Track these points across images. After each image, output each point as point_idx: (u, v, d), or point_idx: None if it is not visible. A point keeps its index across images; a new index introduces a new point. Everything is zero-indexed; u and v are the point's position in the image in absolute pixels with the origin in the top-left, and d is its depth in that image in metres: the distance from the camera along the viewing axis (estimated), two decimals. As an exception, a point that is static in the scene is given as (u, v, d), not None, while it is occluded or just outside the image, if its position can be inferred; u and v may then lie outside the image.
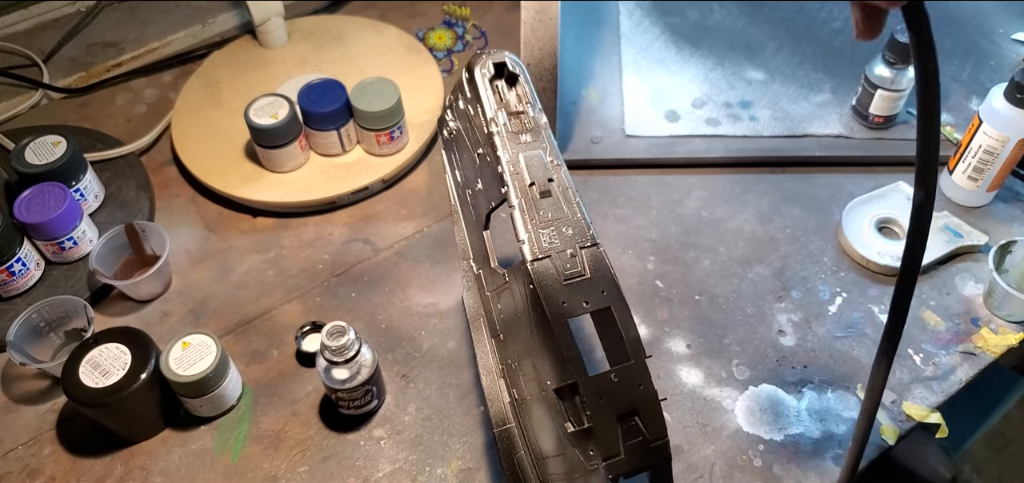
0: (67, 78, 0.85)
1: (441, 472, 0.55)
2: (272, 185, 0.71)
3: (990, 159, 0.65)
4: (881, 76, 0.71)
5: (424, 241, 0.69)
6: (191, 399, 0.55)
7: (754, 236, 0.68)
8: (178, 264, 0.68)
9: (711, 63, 0.82)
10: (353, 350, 0.53)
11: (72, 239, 0.65)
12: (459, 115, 0.46)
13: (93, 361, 0.54)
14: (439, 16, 0.92)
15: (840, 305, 0.63)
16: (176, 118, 0.78)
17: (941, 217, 0.67)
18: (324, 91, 0.71)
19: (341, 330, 0.52)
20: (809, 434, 0.56)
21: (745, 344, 0.61)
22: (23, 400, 0.60)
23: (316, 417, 0.58)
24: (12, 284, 0.63)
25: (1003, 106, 0.64)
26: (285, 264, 0.68)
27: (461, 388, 0.59)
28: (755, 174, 0.73)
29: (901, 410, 0.57)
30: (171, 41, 0.88)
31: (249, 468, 0.55)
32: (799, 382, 0.59)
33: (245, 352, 0.62)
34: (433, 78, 0.81)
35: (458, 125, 0.46)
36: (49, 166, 0.66)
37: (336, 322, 0.53)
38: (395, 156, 0.74)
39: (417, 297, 0.65)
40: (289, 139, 0.70)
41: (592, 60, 0.83)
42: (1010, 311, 0.61)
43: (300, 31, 0.87)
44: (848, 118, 0.76)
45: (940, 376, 0.59)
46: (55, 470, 0.56)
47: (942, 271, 0.65)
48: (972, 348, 0.60)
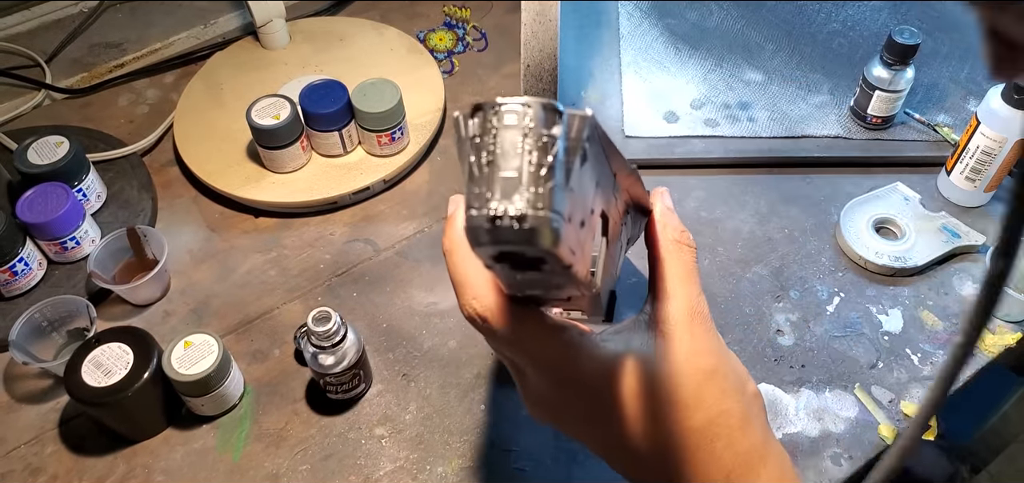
0: (69, 79, 0.85)
1: (442, 470, 0.55)
2: (274, 185, 0.72)
3: (988, 160, 0.66)
4: (879, 77, 0.71)
5: (425, 241, 0.70)
6: (193, 398, 0.56)
7: (752, 236, 0.69)
8: (180, 264, 0.68)
9: (710, 64, 0.83)
10: (339, 335, 0.53)
11: (74, 239, 0.65)
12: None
13: (95, 360, 0.54)
14: (440, 18, 0.92)
15: (838, 305, 0.63)
16: (178, 119, 0.78)
17: (939, 217, 0.68)
18: (325, 92, 0.71)
19: (326, 316, 0.53)
20: (807, 433, 0.56)
21: (743, 343, 0.61)
22: (25, 399, 0.60)
23: (317, 416, 0.58)
24: (15, 284, 0.63)
25: (1001, 107, 0.64)
26: (286, 264, 0.68)
27: (462, 387, 0.59)
28: (753, 175, 0.74)
29: (899, 410, 0.57)
30: (173, 42, 0.89)
31: (251, 467, 0.56)
32: (797, 381, 0.59)
33: (247, 351, 0.62)
34: (434, 79, 0.82)
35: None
36: (51, 166, 0.66)
37: (321, 308, 0.53)
38: (396, 157, 0.74)
39: (418, 297, 0.65)
40: (291, 140, 0.70)
41: (591, 61, 0.84)
42: (1007, 311, 0.61)
43: (302, 32, 0.87)
44: (846, 119, 0.76)
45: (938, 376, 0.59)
46: (57, 469, 0.56)
47: (940, 271, 0.66)
48: (969, 348, 0.60)
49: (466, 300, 0.35)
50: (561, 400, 0.36)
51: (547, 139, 0.27)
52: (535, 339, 0.34)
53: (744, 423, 0.35)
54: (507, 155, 0.27)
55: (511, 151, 0.27)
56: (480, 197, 0.27)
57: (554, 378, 0.35)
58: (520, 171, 0.26)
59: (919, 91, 0.78)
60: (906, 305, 0.63)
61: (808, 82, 0.80)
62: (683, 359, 0.35)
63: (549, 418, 0.38)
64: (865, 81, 0.73)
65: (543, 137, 0.27)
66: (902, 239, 0.66)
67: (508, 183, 0.26)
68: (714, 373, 0.35)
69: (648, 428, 0.34)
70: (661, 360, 0.34)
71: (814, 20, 0.87)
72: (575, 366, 0.35)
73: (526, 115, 0.27)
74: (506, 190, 0.26)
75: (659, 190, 0.42)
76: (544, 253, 0.27)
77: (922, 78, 0.78)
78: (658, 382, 0.34)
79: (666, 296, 0.36)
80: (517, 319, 0.34)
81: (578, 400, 0.35)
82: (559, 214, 0.26)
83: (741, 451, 0.34)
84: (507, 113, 0.27)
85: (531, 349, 0.35)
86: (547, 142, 0.27)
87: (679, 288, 0.36)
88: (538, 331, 0.34)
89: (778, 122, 0.76)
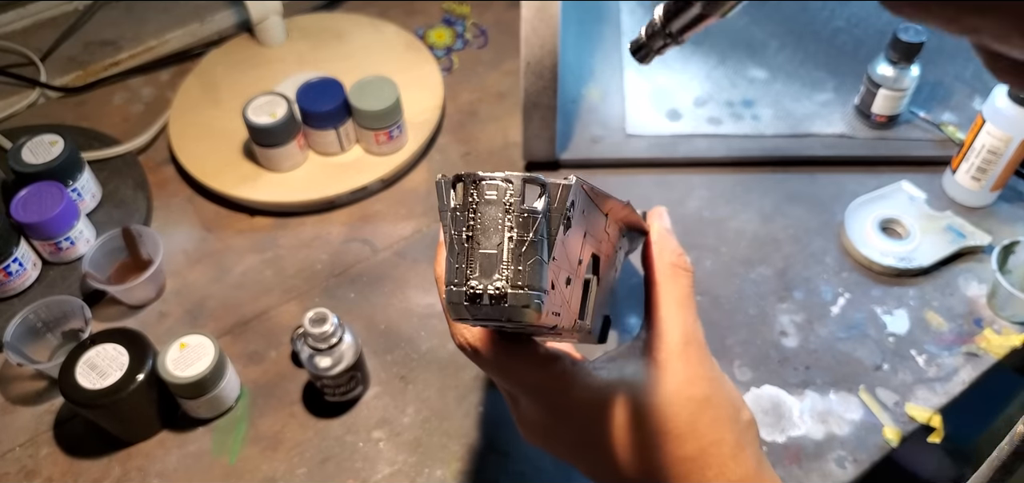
0: (64, 77, 0.84)
1: (440, 474, 0.54)
2: (270, 184, 0.71)
3: (993, 159, 0.65)
4: (884, 75, 0.70)
5: (423, 241, 0.69)
6: (189, 400, 0.55)
7: (756, 236, 0.68)
8: (175, 264, 0.68)
9: (713, 61, 0.82)
10: (336, 337, 0.53)
11: (69, 239, 0.64)
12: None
13: (90, 362, 0.53)
14: (438, 14, 0.91)
15: (843, 306, 0.63)
16: (173, 117, 0.77)
17: (944, 217, 0.67)
18: (322, 90, 0.70)
19: (322, 317, 0.52)
20: (812, 436, 0.55)
21: (747, 345, 0.60)
22: (20, 401, 0.59)
23: (314, 418, 0.57)
24: (9, 284, 0.63)
25: (1006, 105, 0.63)
26: (283, 264, 0.67)
27: (460, 390, 0.59)
28: (757, 173, 0.73)
29: (904, 412, 0.56)
30: (169, 39, 0.88)
31: (247, 469, 0.55)
32: (801, 383, 0.58)
33: (243, 353, 0.61)
34: (432, 76, 0.81)
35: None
36: (46, 165, 0.66)
37: (318, 309, 0.53)
38: (394, 155, 0.73)
39: (416, 298, 0.65)
40: (287, 138, 0.70)
41: (593, 58, 0.83)
42: (1013, 312, 0.61)
43: (298, 29, 0.86)
44: (851, 117, 0.75)
45: (943, 377, 0.58)
46: (52, 471, 0.55)
47: (945, 272, 0.65)
48: (975, 349, 0.60)
49: (457, 330, 0.34)
50: (553, 427, 0.36)
51: (528, 214, 0.26)
52: (527, 370, 0.34)
53: (737, 452, 0.34)
54: (487, 231, 0.26)
55: (491, 227, 0.26)
56: (460, 273, 0.26)
57: (546, 406, 0.35)
58: (501, 248, 0.26)
59: (924, 89, 0.77)
60: (911, 306, 0.63)
61: (812, 79, 0.79)
62: (676, 389, 0.34)
63: (541, 443, 0.37)
64: (870, 79, 0.72)
65: (524, 213, 0.26)
66: (907, 239, 0.66)
67: (488, 260, 0.26)
68: (707, 402, 0.34)
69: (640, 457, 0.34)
70: (654, 389, 0.34)
71: (818, 17, 0.86)
72: (567, 396, 0.34)
73: (507, 190, 0.26)
74: (486, 268, 0.26)
75: (657, 210, 0.42)
76: (525, 327, 0.27)
77: (927, 76, 0.77)
78: (650, 412, 0.34)
79: (661, 322, 0.36)
80: (508, 352, 0.34)
81: (570, 428, 0.35)
82: (540, 290, 0.26)
83: (733, 480, 0.34)
84: (488, 188, 0.26)
85: (523, 379, 0.35)
86: (528, 218, 0.26)
87: (675, 314, 0.36)
88: (530, 362, 0.34)
89: (782, 120, 0.75)
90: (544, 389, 0.35)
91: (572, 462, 0.37)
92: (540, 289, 0.26)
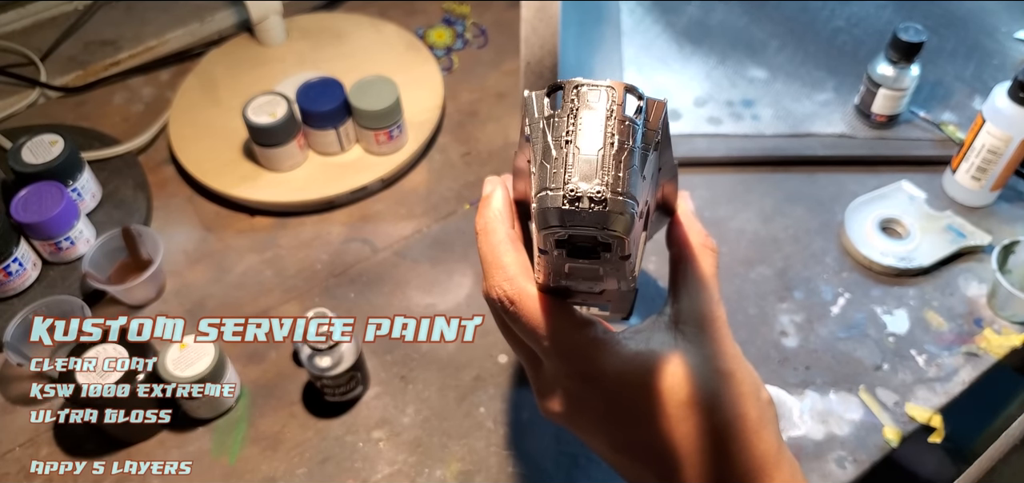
0: (64, 77, 0.84)
1: (440, 474, 0.54)
2: (270, 184, 0.71)
3: (993, 158, 0.65)
4: (883, 75, 0.70)
5: (423, 241, 0.69)
6: (189, 400, 0.55)
7: (756, 236, 0.68)
8: (175, 264, 0.68)
9: (713, 61, 0.82)
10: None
11: (69, 239, 0.64)
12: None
13: (90, 362, 0.53)
14: (438, 14, 0.91)
15: (843, 306, 0.63)
16: (174, 117, 0.77)
17: (944, 217, 0.67)
18: (322, 89, 0.70)
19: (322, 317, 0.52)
20: (811, 436, 0.55)
21: (747, 345, 0.60)
22: (20, 401, 0.59)
23: (314, 419, 0.57)
24: (9, 284, 0.63)
25: (1006, 105, 0.63)
26: (283, 264, 0.67)
27: (461, 390, 0.59)
28: (757, 173, 0.73)
29: (904, 412, 0.56)
30: (169, 39, 0.88)
31: (247, 470, 0.55)
32: (801, 384, 0.58)
33: (243, 353, 0.61)
34: (433, 76, 0.81)
35: None
36: (46, 165, 0.66)
37: (318, 309, 0.53)
38: (394, 155, 0.73)
39: (416, 298, 0.65)
40: (287, 138, 0.70)
41: (593, 58, 0.83)
42: (1013, 312, 0.61)
43: (298, 29, 0.86)
44: (851, 117, 0.75)
45: (943, 377, 0.58)
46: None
47: (945, 272, 0.65)
48: (975, 349, 0.60)
49: (496, 281, 0.34)
50: (579, 396, 0.36)
51: (628, 123, 0.26)
52: (562, 330, 0.34)
53: (759, 427, 0.34)
54: (588, 136, 0.26)
55: (592, 132, 0.26)
56: (557, 177, 0.26)
57: (575, 372, 0.35)
58: (602, 154, 0.26)
59: (924, 89, 0.77)
60: (911, 306, 0.63)
61: (812, 79, 0.79)
62: (703, 361, 0.34)
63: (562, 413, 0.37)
64: (870, 79, 0.72)
65: (625, 120, 0.26)
66: (907, 239, 0.66)
67: (588, 165, 0.26)
68: (732, 376, 0.35)
69: (665, 428, 0.34)
70: (682, 361, 0.34)
71: (818, 17, 0.86)
72: (597, 363, 0.34)
73: (611, 97, 0.26)
74: (585, 172, 0.26)
75: (683, 193, 0.42)
76: (614, 238, 0.27)
77: (927, 76, 0.77)
78: (677, 382, 0.34)
79: (688, 297, 0.36)
80: (546, 308, 0.34)
81: (598, 396, 0.35)
82: (635, 200, 0.26)
83: (755, 455, 0.34)
84: (590, 93, 0.26)
85: (556, 340, 0.34)
86: (628, 125, 0.26)
87: (701, 291, 0.37)
88: (565, 323, 0.34)
89: (782, 120, 0.75)
90: (576, 353, 0.34)
91: (593, 435, 0.36)
92: (635, 199, 0.26)
